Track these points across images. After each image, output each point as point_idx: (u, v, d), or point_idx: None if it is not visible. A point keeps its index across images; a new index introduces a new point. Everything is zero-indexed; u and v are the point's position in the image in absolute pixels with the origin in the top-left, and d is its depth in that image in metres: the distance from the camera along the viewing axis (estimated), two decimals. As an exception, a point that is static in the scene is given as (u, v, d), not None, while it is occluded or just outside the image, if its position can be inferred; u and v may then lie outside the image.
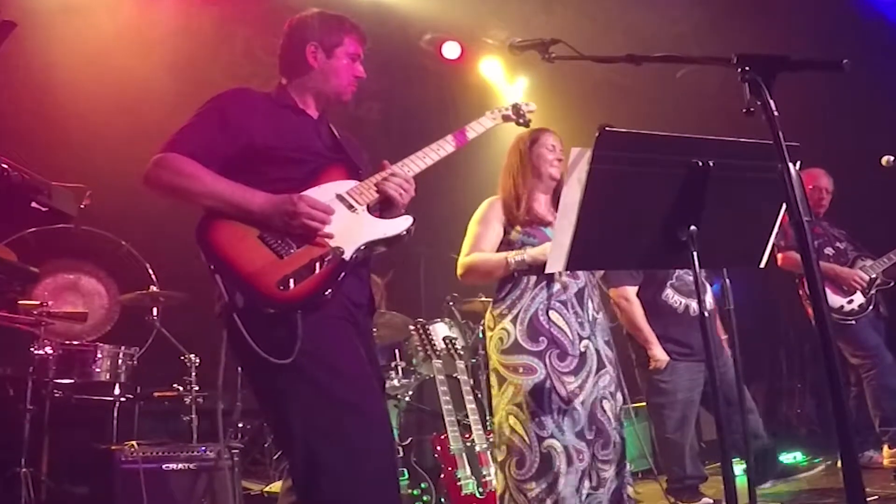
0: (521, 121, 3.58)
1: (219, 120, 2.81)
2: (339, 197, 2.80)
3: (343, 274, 2.65)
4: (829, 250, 6.07)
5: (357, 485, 2.55)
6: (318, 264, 2.61)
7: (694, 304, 4.92)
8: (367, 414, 2.64)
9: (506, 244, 3.92)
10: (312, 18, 3.02)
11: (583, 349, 3.78)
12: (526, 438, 3.67)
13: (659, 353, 4.89)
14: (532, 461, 3.65)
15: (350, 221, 2.76)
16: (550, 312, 3.78)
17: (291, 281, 2.55)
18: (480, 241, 3.93)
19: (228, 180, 2.70)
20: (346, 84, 3.00)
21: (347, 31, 3.01)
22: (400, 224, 2.86)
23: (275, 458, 6.15)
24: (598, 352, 3.83)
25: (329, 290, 2.61)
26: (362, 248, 2.74)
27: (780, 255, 5.75)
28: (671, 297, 4.97)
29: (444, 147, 3.12)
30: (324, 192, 2.77)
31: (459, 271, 3.96)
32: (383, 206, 2.91)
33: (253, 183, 2.71)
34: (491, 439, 4.21)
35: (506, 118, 3.53)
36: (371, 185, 2.88)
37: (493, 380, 3.88)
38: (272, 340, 2.53)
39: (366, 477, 2.57)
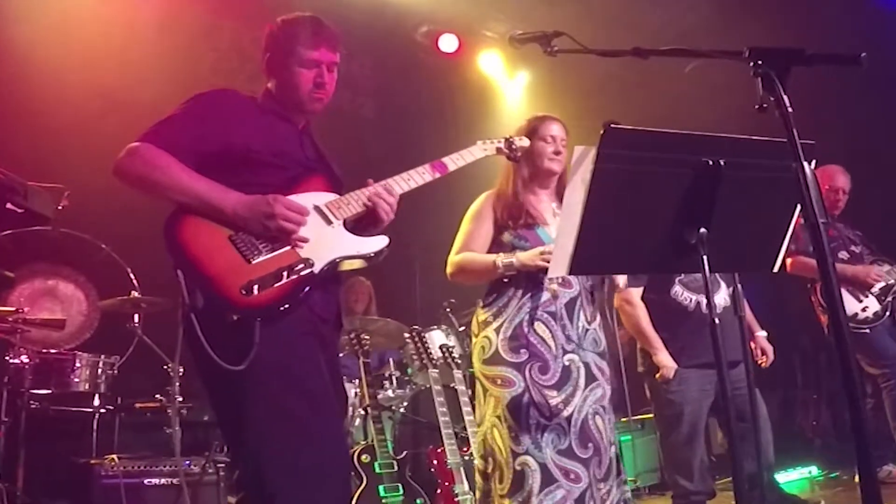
0: (511, 156, 3.59)
1: (200, 116, 2.83)
2: (317, 209, 2.82)
3: (309, 286, 2.67)
4: (843, 254, 6.05)
5: None
6: (285, 273, 2.63)
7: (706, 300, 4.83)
8: (320, 435, 2.65)
9: (497, 245, 3.90)
10: (275, 26, 3.01)
11: (566, 363, 3.75)
12: (504, 452, 3.66)
13: (665, 360, 4.80)
14: (508, 477, 3.64)
15: (325, 234, 2.79)
16: (536, 323, 3.76)
17: (256, 287, 2.56)
18: (471, 239, 3.92)
19: (203, 177, 2.72)
20: (305, 93, 2.94)
21: (298, 38, 2.93)
22: (375, 243, 2.88)
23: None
24: (586, 365, 3.80)
25: (292, 301, 2.62)
26: (334, 262, 2.77)
27: (789, 260, 5.71)
28: (680, 294, 4.85)
29: (428, 173, 3.12)
30: (301, 202, 2.79)
31: (448, 269, 3.96)
32: (360, 224, 2.93)
33: (229, 185, 2.73)
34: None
35: (498, 151, 3.54)
36: (352, 199, 2.90)
37: (478, 389, 3.89)
38: (227, 346, 2.54)
39: (312, 499, 2.59)
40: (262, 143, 2.84)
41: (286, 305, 2.61)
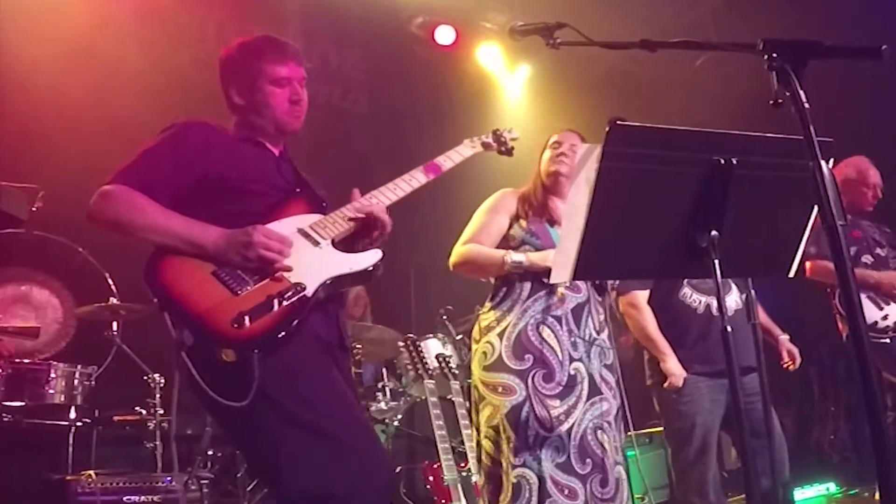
0: (502, 149, 3.60)
1: (172, 151, 2.86)
2: (302, 231, 2.84)
3: (305, 311, 2.68)
4: (867, 258, 5.95)
5: None
6: (276, 301, 2.63)
7: (716, 303, 4.74)
8: (360, 447, 2.68)
9: (505, 239, 3.93)
10: (228, 57, 3.09)
11: (572, 372, 3.76)
12: (502, 464, 3.67)
13: (674, 367, 4.73)
14: (505, 490, 3.64)
15: (313, 256, 2.80)
16: (542, 328, 3.77)
17: (247, 318, 2.56)
18: (482, 231, 3.94)
19: (180, 215, 2.75)
20: (282, 113, 2.99)
21: (264, 56, 3.00)
22: (367, 258, 2.90)
23: (248, 489, 6.13)
24: (591, 376, 3.81)
25: (288, 329, 2.63)
26: (327, 283, 2.77)
27: (808, 264, 5.66)
28: (689, 295, 4.78)
29: (417, 178, 3.14)
30: (284, 227, 2.81)
31: (452, 259, 3.96)
32: (349, 241, 2.95)
33: (207, 218, 2.75)
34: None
35: (486, 146, 3.54)
36: (337, 218, 2.92)
37: (475, 397, 3.89)
38: (227, 382, 2.55)
39: None
40: (237, 171, 2.87)
41: (282, 334, 2.61)
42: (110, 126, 6.14)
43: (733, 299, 4.79)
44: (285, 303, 2.64)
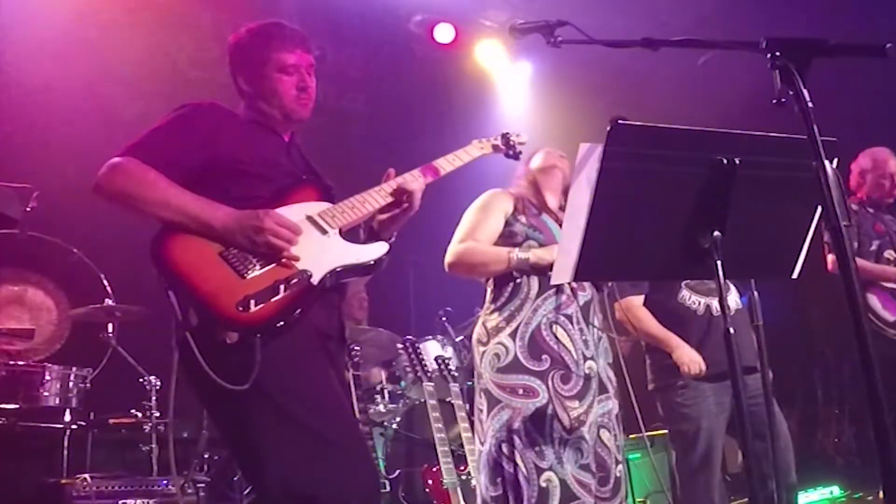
0: (510, 152, 3.62)
1: (183, 129, 2.87)
2: (310, 219, 2.85)
3: (310, 299, 2.69)
4: (889, 253, 5.82)
5: None
6: (282, 286, 2.64)
7: (715, 304, 4.71)
8: (347, 449, 2.68)
9: (507, 235, 3.91)
10: (237, 44, 3.09)
11: (587, 371, 3.76)
12: (524, 469, 3.63)
13: (689, 354, 4.57)
14: (530, 496, 3.61)
15: (320, 245, 2.81)
16: (554, 327, 3.76)
17: (252, 302, 2.58)
18: (478, 229, 3.92)
19: (190, 192, 2.74)
20: (290, 101, 3.01)
21: (272, 44, 3.01)
22: (375, 250, 2.92)
23: (245, 492, 6.12)
24: (598, 375, 3.82)
25: (293, 315, 2.63)
26: (332, 273, 2.78)
27: (830, 258, 5.56)
28: (688, 298, 4.73)
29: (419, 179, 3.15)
30: (293, 213, 2.81)
31: (448, 259, 3.93)
32: (354, 231, 2.98)
33: (215, 199, 2.75)
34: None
35: (495, 149, 3.56)
36: (346, 207, 2.93)
37: (483, 401, 3.83)
38: (228, 364, 2.55)
39: None
40: (248, 154, 2.88)
41: (286, 320, 2.62)
42: (105, 125, 6.14)
43: (732, 299, 4.76)
44: (291, 289, 2.65)
